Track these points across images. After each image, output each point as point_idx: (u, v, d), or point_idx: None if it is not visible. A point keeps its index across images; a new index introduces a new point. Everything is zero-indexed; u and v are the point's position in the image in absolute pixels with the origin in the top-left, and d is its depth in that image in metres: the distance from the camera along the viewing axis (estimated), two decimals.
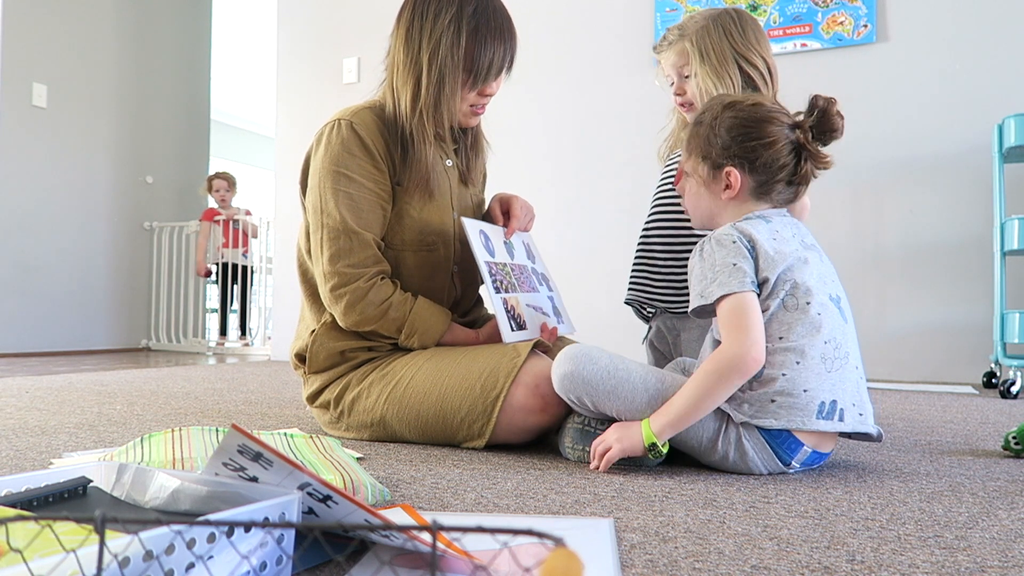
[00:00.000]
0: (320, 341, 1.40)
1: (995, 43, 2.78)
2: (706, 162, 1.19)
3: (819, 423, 1.06)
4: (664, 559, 0.70)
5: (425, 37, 1.33)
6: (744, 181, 1.16)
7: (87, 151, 4.49)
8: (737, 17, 1.50)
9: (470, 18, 1.33)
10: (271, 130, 5.09)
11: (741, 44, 1.47)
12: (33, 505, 0.67)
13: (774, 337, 1.08)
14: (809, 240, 1.19)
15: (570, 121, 3.43)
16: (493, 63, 1.35)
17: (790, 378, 1.06)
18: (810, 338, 1.07)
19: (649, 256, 1.57)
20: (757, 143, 1.14)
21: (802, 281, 1.09)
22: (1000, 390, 2.32)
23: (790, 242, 1.13)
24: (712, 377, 1.05)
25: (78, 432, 1.44)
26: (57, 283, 4.31)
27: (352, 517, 0.63)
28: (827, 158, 1.16)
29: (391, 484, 1.01)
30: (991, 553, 0.73)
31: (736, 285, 1.07)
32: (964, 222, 2.80)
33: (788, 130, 1.15)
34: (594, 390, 1.13)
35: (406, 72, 1.35)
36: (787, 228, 1.16)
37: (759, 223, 1.14)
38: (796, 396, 1.06)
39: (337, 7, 3.92)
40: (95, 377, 2.65)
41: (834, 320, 1.09)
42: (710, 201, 1.20)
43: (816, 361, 1.07)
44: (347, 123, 1.35)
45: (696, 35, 1.48)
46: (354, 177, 1.34)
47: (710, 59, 1.46)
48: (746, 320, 1.05)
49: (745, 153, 1.15)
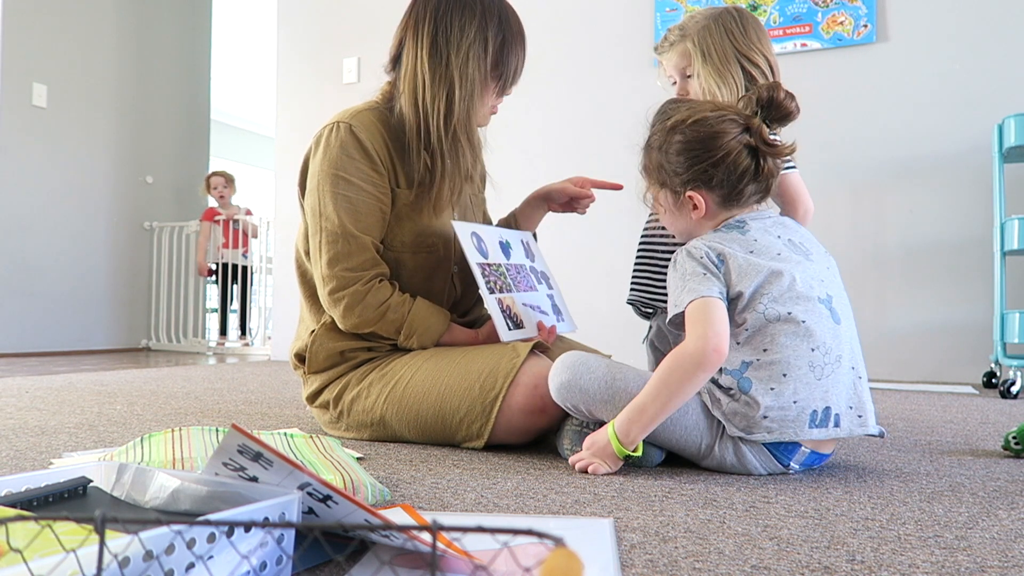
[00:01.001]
0: (319, 341, 1.40)
1: (995, 43, 2.78)
2: (665, 189, 1.19)
3: (812, 432, 1.05)
4: (664, 559, 0.70)
5: (453, 51, 1.32)
6: (707, 199, 1.15)
7: (87, 151, 4.49)
8: (738, 16, 1.49)
9: (496, 30, 1.34)
10: (271, 130, 5.09)
11: (743, 43, 1.47)
12: (33, 505, 0.67)
13: (758, 350, 1.06)
14: (798, 238, 1.16)
15: (570, 121, 3.43)
16: (518, 68, 1.39)
17: (778, 392, 1.04)
18: (795, 348, 1.04)
19: (650, 256, 1.57)
20: (708, 163, 1.12)
21: (783, 290, 1.06)
22: (1000, 390, 2.32)
23: (769, 248, 1.10)
24: (676, 373, 1.03)
25: (78, 432, 1.44)
26: (57, 283, 4.31)
27: (352, 517, 0.63)
28: (785, 149, 1.14)
29: (391, 484, 1.01)
30: (991, 553, 0.73)
31: (704, 290, 1.05)
32: (964, 222, 2.80)
33: (739, 134, 1.12)
34: (591, 399, 1.13)
35: (436, 87, 1.33)
36: (767, 233, 1.13)
37: (734, 235, 1.12)
38: (786, 409, 1.04)
39: (337, 7, 3.92)
40: (95, 377, 2.65)
41: (823, 324, 1.07)
42: (685, 224, 1.20)
43: (804, 371, 1.04)
44: (346, 126, 1.35)
45: (698, 35, 1.48)
46: (352, 180, 1.33)
47: (712, 59, 1.46)
48: (709, 316, 1.03)
49: (700, 176, 1.13)
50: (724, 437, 1.08)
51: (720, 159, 1.12)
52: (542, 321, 1.44)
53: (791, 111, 1.14)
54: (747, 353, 1.07)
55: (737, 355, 1.07)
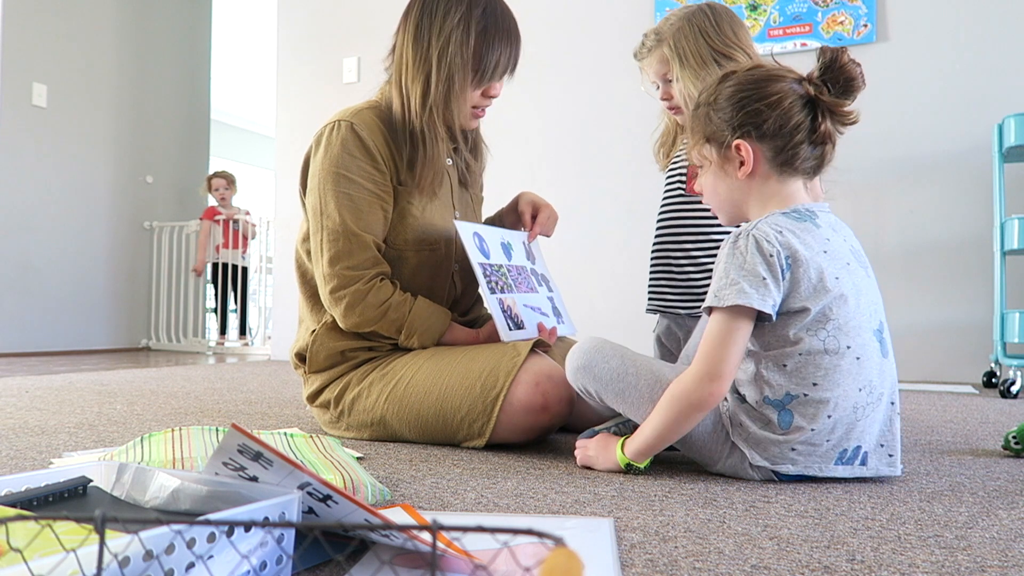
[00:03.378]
0: (320, 341, 1.40)
1: (995, 43, 2.78)
2: (712, 143, 1.08)
3: (836, 469, 1.02)
4: (664, 558, 0.70)
5: (435, 35, 1.33)
6: (758, 152, 1.05)
7: (87, 151, 4.49)
8: (711, 13, 1.45)
9: (479, 18, 1.34)
10: (271, 130, 5.09)
11: (718, 41, 1.43)
12: (33, 505, 0.67)
13: (807, 383, 0.99)
14: (857, 245, 1.09)
15: (570, 121, 3.43)
16: (500, 63, 1.37)
17: (818, 431, 0.99)
18: (846, 388, 0.99)
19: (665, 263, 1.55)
20: (761, 104, 1.03)
21: (848, 318, 0.99)
22: (1000, 390, 2.32)
23: (840, 254, 1.03)
24: (674, 409, 1.01)
25: (78, 432, 1.44)
26: (57, 283, 4.31)
27: (352, 517, 0.63)
28: (848, 109, 1.04)
29: (391, 484, 1.01)
30: (991, 553, 0.73)
31: (751, 300, 0.96)
32: (964, 222, 2.80)
33: (794, 84, 1.04)
34: (603, 388, 1.12)
35: (415, 69, 1.35)
36: (837, 235, 1.05)
37: (807, 226, 1.03)
38: (819, 445, 1.00)
39: (337, 7, 3.92)
40: (95, 377, 2.65)
41: (872, 360, 1.01)
42: (729, 188, 1.09)
43: (848, 412, 1.00)
44: (347, 124, 1.35)
45: (672, 39, 1.45)
46: (354, 178, 1.34)
47: (689, 62, 1.43)
48: (726, 348, 0.97)
49: (750, 119, 1.03)
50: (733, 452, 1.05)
51: (774, 102, 1.02)
52: (543, 323, 1.44)
53: (855, 76, 1.03)
54: (795, 385, 1.00)
55: (783, 384, 1.01)
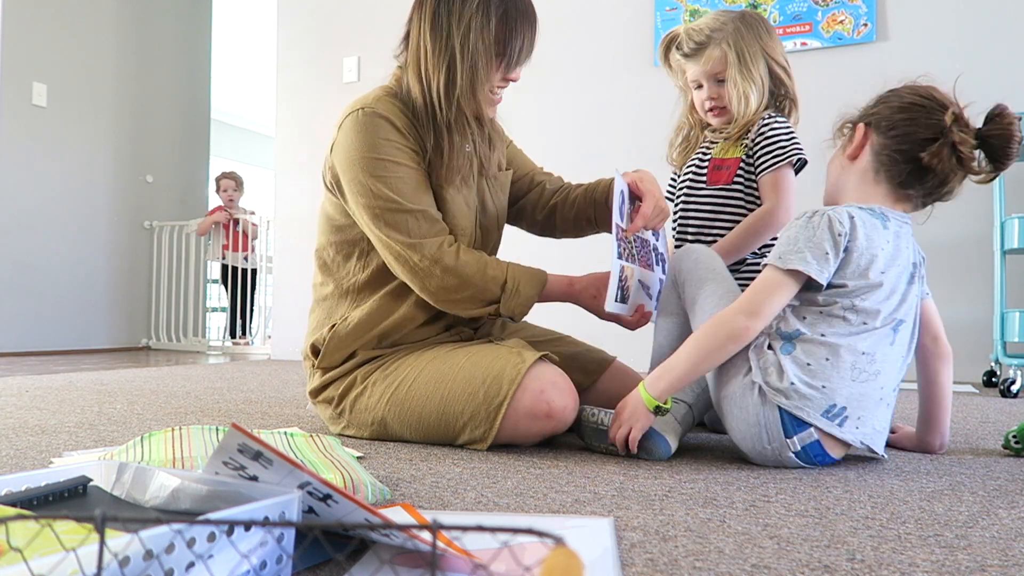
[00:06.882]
0: (338, 338, 1.39)
1: (995, 43, 2.78)
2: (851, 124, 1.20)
3: (821, 420, 1.08)
4: (664, 558, 0.70)
5: (455, 22, 1.30)
6: (867, 140, 1.15)
7: (87, 151, 4.49)
8: (758, 17, 1.53)
9: (498, 3, 1.31)
10: (271, 130, 5.08)
11: (769, 43, 1.51)
12: (33, 504, 0.67)
13: (817, 332, 1.10)
14: (917, 259, 1.17)
15: (570, 121, 3.42)
16: (523, 46, 1.34)
17: (814, 370, 1.08)
18: (850, 345, 1.08)
19: None
20: (898, 110, 1.13)
21: (874, 304, 1.09)
22: (1000, 389, 2.32)
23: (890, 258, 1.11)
24: (710, 339, 1.10)
25: (78, 431, 1.44)
26: (57, 283, 4.31)
27: (352, 516, 0.63)
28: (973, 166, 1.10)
29: (391, 483, 1.01)
30: (991, 552, 0.73)
31: (808, 267, 1.07)
32: (964, 222, 2.80)
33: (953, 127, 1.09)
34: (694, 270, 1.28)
35: (436, 58, 1.31)
36: (900, 242, 1.13)
37: (876, 226, 1.11)
38: (814, 388, 1.08)
39: (337, 7, 3.92)
40: (95, 376, 2.65)
41: (881, 341, 1.10)
42: (839, 170, 1.21)
43: (845, 367, 1.08)
44: (370, 110, 1.33)
45: (732, 38, 1.50)
46: (391, 160, 1.31)
47: (746, 61, 1.49)
48: (769, 297, 1.08)
49: (883, 112, 1.14)
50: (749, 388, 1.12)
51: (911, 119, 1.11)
52: (643, 304, 1.40)
53: (1011, 151, 1.08)
54: (806, 329, 1.10)
55: (797, 325, 1.11)
